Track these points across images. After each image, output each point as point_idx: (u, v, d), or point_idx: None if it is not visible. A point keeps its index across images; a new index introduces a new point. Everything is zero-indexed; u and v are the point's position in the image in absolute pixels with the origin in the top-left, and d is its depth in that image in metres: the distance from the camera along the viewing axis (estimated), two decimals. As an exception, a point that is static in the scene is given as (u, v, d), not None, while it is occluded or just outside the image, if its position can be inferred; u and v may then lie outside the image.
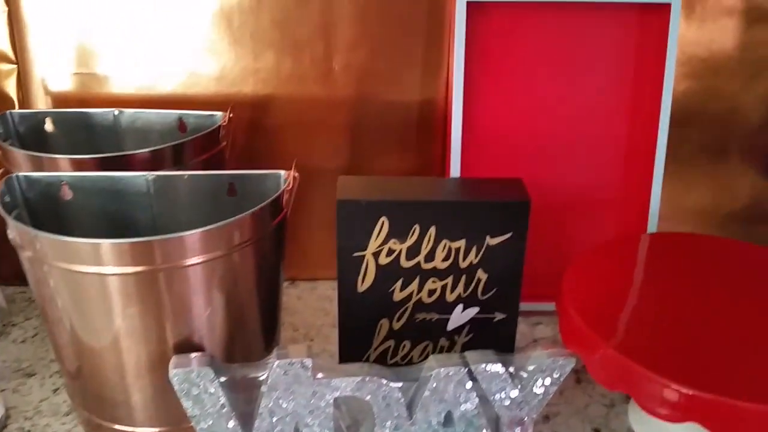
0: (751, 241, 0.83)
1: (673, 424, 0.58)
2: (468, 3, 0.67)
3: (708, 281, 0.62)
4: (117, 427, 0.57)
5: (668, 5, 0.69)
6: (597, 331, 0.54)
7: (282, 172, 0.57)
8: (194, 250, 0.50)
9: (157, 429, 0.57)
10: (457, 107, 0.70)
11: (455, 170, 0.72)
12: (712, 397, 0.48)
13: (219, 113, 0.68)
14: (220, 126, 0.66)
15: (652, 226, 0.74)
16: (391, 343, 0.66)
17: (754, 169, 0.82)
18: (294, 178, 0.56)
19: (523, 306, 0.76)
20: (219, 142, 0.66)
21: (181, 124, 0.69)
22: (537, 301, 0.75)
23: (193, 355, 0.52)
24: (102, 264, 0.49)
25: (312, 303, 0.79)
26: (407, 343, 0.66)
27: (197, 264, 0.51)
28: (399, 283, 0.63)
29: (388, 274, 0.62)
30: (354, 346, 0.66)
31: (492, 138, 0.74)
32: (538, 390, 0.56)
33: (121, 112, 0.70)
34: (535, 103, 0.74)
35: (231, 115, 0.67)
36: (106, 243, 0.48)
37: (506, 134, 0.74)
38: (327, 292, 0.81)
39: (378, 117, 0.76)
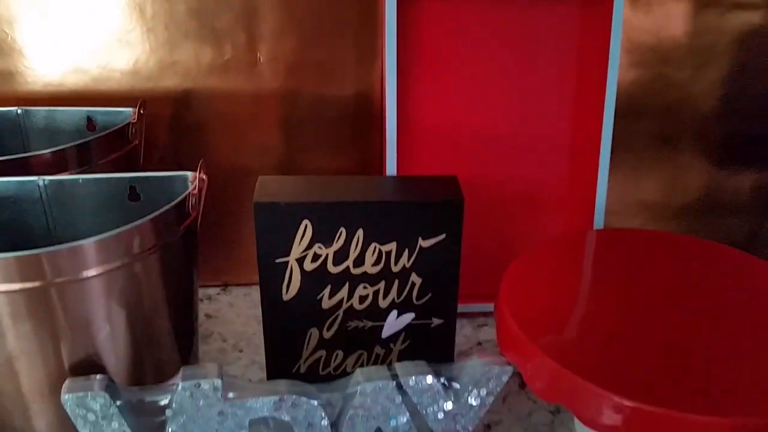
0: (704, 233, 0.81)
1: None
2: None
3: (656, 281, 0.58)
4: (20, 455, 0.53)
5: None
6: (533, 338, 0.50)
7: (188, 174, 0.52)
8: (89, 262, 0.45)
9: (63, 456, 0.52)
10: (391, 101, 0.65)
11: (391, 168, 0.68)
12: (655, 410, 0.44)
13: (130, 110, 0.62)
14: (129, 123, 0.60)
15: (599, 221, 0.71)
16: (322, 353, 0.62)
17: (705, 160, 0.79)
18: (201, 179, 0.51)
19: (468, 307, 0.73)
20: (129, 140, 0.61)
21: (89, 123, 0.64)
22: (482, 302, 0.72)
23: (90, 377, 0.47)
24: (-14, 280, 0.44)
25: (244, 311, 0.74)
26: (340, 353, 0.62)
27: (94, 277, 0.46)
28: (327, 290, 0.59)
29: (315, 280, 0.58)
30: (282, 358, 0.61)
31: (431, 134, 0.70)
32: (474, 401, 0.52)
33: (24, 110, 0.64)
34: (475, 96, 0.70)
35: (142, 110, 0.62)
36: (-13, 257, 0.43)
37: (446, 130, 0.70)
38: (262, 298, 0.76)
39: (310, 112, 0.72)
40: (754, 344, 0.51)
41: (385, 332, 0.61)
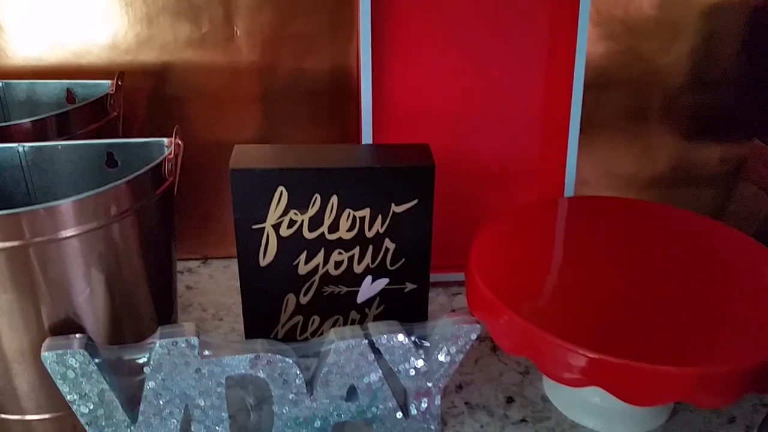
0: (674, 203, 0.82)
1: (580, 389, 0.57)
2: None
3: (621, 244, 0.60)
4: (3, 416, 0.54)
5: (579, -37, 0.67)
6: (499, 297, 0.52)
7: (164, 140, 0.54)
8: (67, 222, 0.46)
9: (47, 416, 0.53)
10: (366, 75, 0.67)
11: (367, 140, 0.69)
12: (612, 360, 0.46)
13: (108, 82, 0.64)
14: (108, 94, 0.61)
15: (569, 191, 0.72)
16: (299, 318, 0.63)
17: (674, 132, 0.81)
18: (177, 145, 0.52)
19: (442, 276, 0.74)
20: (108, 112, 0.62)
21: (69, 96, 0.65)
22: (456, 271, 0.74)
23: (69, 336, 0.48)
24: (-34, 241, 0.45)
25: (224, 282, 0.76)
26: (316, 318, 0.64)
27: (72, 237, 0.47)
28: (303, 256, 0.60)
29: (291, 246, 0.60)
30: (260, 324, 0.63)
31: (406, 107, 0.72)
32: (444, 358, 0.54)
33: (5, 84, 0.65)
34: (448, 70, 0.71)
35: (120, 82, 0.63)
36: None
37: (420, 103, 0.72)
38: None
39: (287, 86, 0.73)
40: (713, 301, 0.53)
41: (361, 297, 0.63)
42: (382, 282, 0.62)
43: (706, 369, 0.46)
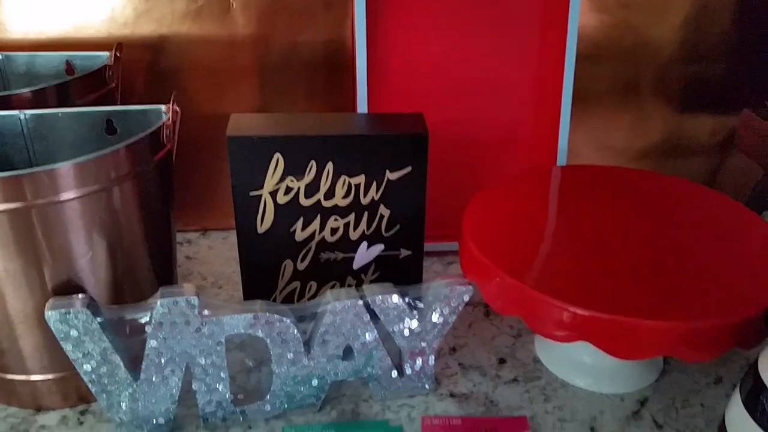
0: (666, 173, 0.84)
1: (569, 346, 0.59)
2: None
3: (610, 209, 0.62)
4: (8, 376, 0.55)
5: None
6: (490, 259, 0.54)
7: (162, 107, 0.55)
8: (67, 185, 0.48)
9: (51, 376, 0.55)
10: (361, 46, 0.67)
11: (362, 110, 0.70)
12: (599, 316, 0.48)
13: (107, 54, 0.65)
14: (106, 66, 0.62)
15: (561, 161, 0.74)
16: (296, 284, 0.65)
17: (666, 102, 0.82)
18: (175, 111, 0.53)
19: (437, 246, 0.76)
20: (107, 83, 0.63)
21: (68, 67, 0.66)
22: (451, 240, 0.75)
23: (72, 297, 0.50)
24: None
25: (223, 252, 0.77)
26: (313, 284, 0.65)
27: (72, 200, 0.48)
28: (300, 222, 0.61)
29: (288, 213, 0.61)
30: (258, 290, 0.64)
31: (400, 78, 0.73)
32: (437, 319, 0.55)
33: (5, 56, 0.66)
34: (443, 41, 0.72)
35: (118, 53, 0.64)
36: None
37: (414, 74, 0.73)
38: (240, 241, 0.79)
39: (283, 58, 0.74)
40: (700, 262, 0.54)
41: (356, 263, 0.64)
42: (378, 248, 0.64)
43: (691, 324, 0.47)
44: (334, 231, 0.62)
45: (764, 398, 0.43)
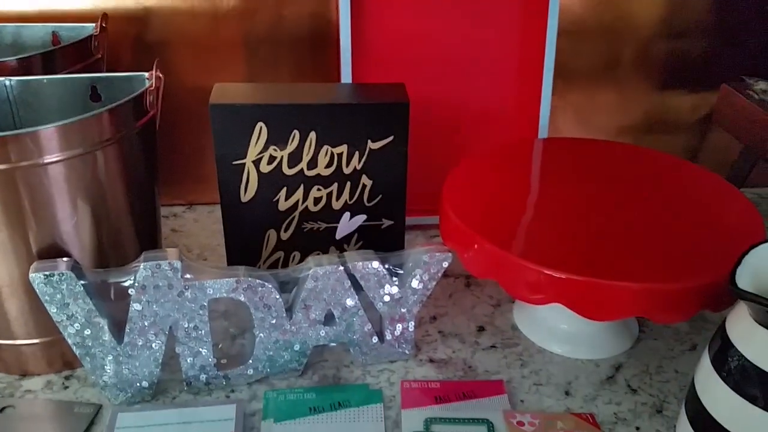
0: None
1: (547, 314, 0.60)
2: None
3: (588, 180, 0.63)
4: (-6, 341, 0.56)
5: None
6: (469, 225, 0.55)
7: (145, 74, 0.56)
8: (51, 148, 0.48)
9: (37, 341, 0.56)
10: (345, 20, 0.68)
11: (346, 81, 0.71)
12: (573, 278, 0.49)
13: (92, 25, 0.65)
14: (91, 36, 0.63)
15: (543, 134, 0.75)
16: (280, 254, 0.66)
17: (648, 79, 0.83)
18: (158, 77, 0.54)
19: (421, 220, 0.77)
20: (93, 53, 0.64)
21: (54, 39, 0.66)
22: (433, 215, 0.76)
23: (56, 260, 0.51)
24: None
25: (209, 225, 0.78)
26: (297, 254, 0.66)
27: (56, 162, 0.49)
28: (283, 192, 0.62)
29: (271, 182, 0.62)
30: (242, 259, 0.65)
31: (383, 52, 0.73)
32: (417, 285, 0.56)
33: (-11, 27, 0.67)
34: (426, 15, 0.73)
35: (104, 24, 0.64)
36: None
37: (397, 48, 0.73)
38: (226, 215, 0.79)
39: (268, 31, 0.74)
40: (673, 229, 0.56)
41: (339, 233, 0.65)
42: (360, 218, 0.64)
43: (661, 285, 0.48)
44: (317, 201, 0.63)
45: (731, 357, 0.44)
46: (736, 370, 0.43)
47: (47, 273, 0.49)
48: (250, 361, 0.56)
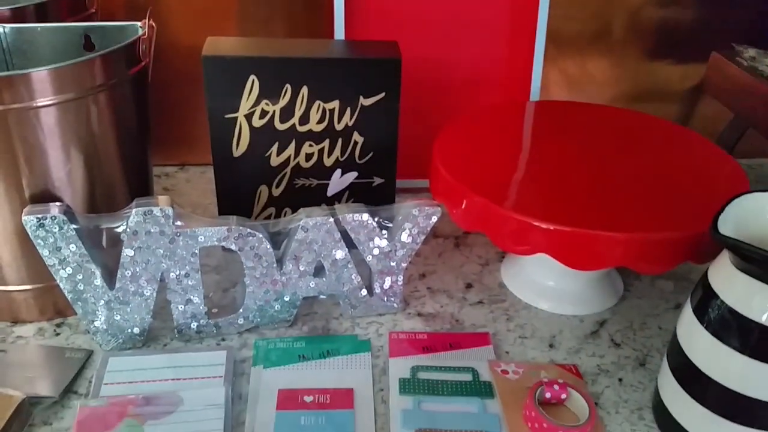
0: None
1: (534, 269, 0.61)
2: None
3: (574, 139, 0.63)
4: (-14, 288, 0.56)
5: None
6: (458, 179, 0.55)
7: (138, 23, 0.56)
8: (43, 91, 0.48)
9: (29, 287, 0.56)
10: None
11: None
12: (557, 228, 0.50)
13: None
14: (85, -11, 0.63)
15: (534, 98, 0.75)
16: (272, 210, 0.66)
17: (639, 47, 0.83)
18: (151, 27, 0.54)
19: (412, 183, 0.77)
20: (86, 7, 0.64)
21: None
22: (425, 177, 0.76)
23: (49, 204, 0.51)
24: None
25: (201, 185, 0.78)
26: (288, 210, 0.66)
27: (48, 106, 0.49)
28: (275, 147, 0.63)
29: (263, 137, 0.62)
30: (234, 214, 0.66)
31: (377, 16, 0.73)
32: (406, 239, 0.57)
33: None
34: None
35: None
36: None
37: (391, 10, 0.74)
38: (218, 176, 0.80)
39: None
40: (659, 185, 0.56)
41: (331, 190, 0.66)
42: (351, 175, 0.65)
43: (645, 235, 0.49)
44: (308, 157, 0.64)
45: (713, 305, 0.45)
46: (718, 317, 0.44)
47: (40, 216, 0.49)
48: (241, 311, 0.57)
